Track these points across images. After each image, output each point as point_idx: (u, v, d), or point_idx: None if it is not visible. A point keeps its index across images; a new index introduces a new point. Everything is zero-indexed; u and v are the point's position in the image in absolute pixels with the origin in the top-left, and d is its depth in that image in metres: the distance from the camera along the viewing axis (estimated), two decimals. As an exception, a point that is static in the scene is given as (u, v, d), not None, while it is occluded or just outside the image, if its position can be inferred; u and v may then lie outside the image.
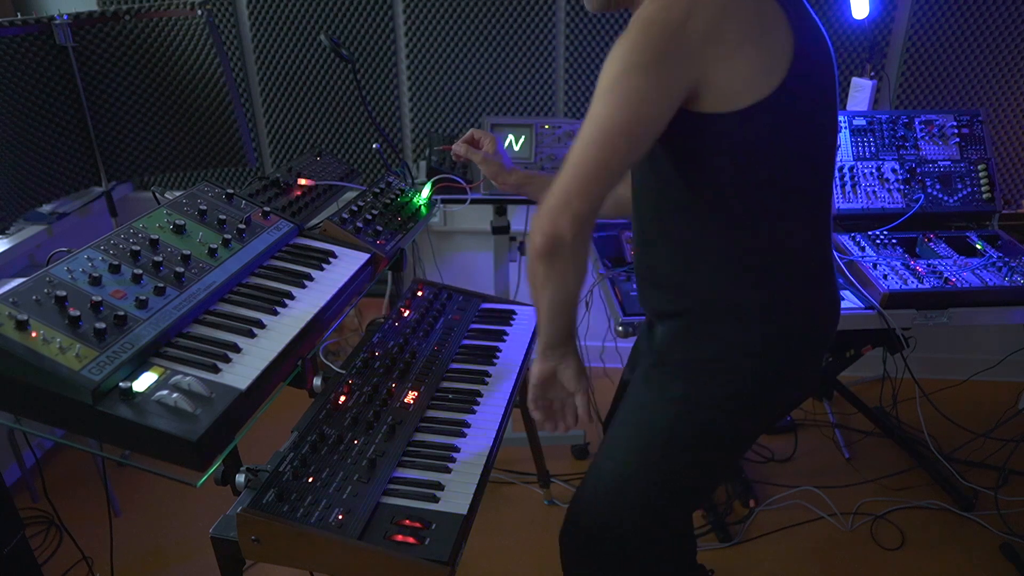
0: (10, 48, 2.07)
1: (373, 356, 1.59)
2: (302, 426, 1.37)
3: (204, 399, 1.12)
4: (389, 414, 1.43)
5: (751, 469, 2.59)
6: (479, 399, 1.52)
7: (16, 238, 2.33)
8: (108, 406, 1.07)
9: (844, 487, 2.49)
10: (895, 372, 2.59)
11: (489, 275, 2.79)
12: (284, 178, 1.80)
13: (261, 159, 3.00)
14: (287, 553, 1.17)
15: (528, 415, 2.05)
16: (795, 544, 2.29)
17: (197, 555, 2.25)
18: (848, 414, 2.84)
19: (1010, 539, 2.24)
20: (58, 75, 2.20)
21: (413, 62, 2.77)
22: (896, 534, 2.31)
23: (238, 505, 1.20)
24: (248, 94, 2.89)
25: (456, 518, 1.20)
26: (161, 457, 1.08)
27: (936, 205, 2.27)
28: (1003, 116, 2.69)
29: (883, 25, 2.59)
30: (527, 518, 2.40)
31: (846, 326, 2.04)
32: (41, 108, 2.18)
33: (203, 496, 1.63)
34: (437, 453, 1.35)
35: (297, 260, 1.57)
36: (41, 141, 2.20)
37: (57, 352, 1.08)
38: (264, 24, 2.76)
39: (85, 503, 2.40)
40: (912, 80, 2.67)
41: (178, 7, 2.21)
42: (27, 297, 1.15)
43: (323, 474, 1.25)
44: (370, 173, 2.96)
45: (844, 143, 2.30)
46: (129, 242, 1.36)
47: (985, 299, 1.98)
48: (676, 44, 1.07)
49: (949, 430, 2.66)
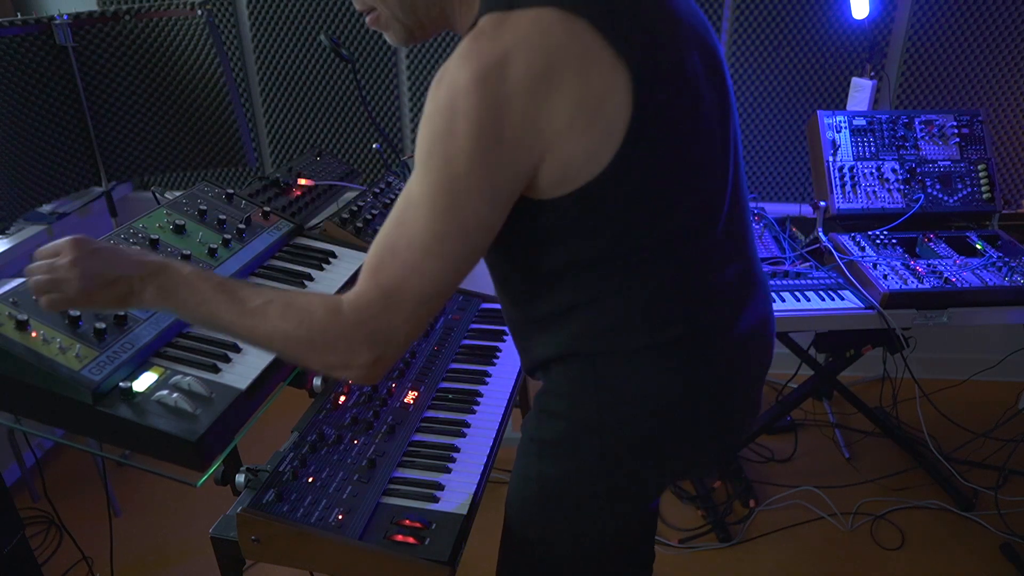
0: (10, 48, 2.07)
1: (373, 356, 1.58)
2: (302, 426, 1.37)
3: (204, 399, 1.12)
4: (389, 414, 1.43)
5: (751, 469, 2.59)
6: (479, 399, 1.52)
7: (16, 238, 2.33)
8: (108, 406, 1.07)
9: (844, 487, 2.49)
10: (895, 372, 2.59)
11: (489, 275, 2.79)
12: (284, 178, 1.80)
13: (261, 159, 3.00)
14: (287, 553, 1.17)
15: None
16: (795, 544, 2.29)
17: (197, 555, 2.25)
18: (848, 414, 2.83)
19: (1010, 539, 2.24)
20: (58, 75, 2.20)
21: (413, 62, 2.77)
22: (896, 534, 2.31)
23: (238, 505, 1.19)
24: (248, 94, 2.89)
25: (456, 518, 1.20)
26: (161, 457, 1.08)
27: (936, 205, 2.27)
28: (1003, 116, 2.69)
29: (883, 25, 2.59)
30: (527, 518, 2.40)
31: (846, 326, 2.05)
32: (41, 108, 2.18)
33: (203, 496, 1.63)
34: (437, 453, 1.35)
35: (297, 260, 1.58)
36: (41, 141, 2.20)
37: (57, 352, 1.08)
38: (264, 24, 2.76)
39: (85, 503, 2.40)
40: (912, 80, 2.67)
41: (178, 7, 2.21)
42: (27, 297, 1.15)
43: (323, 474, 1.25)
44: (370, 173, 2.96)
45: (844, 143, 2.30)
46: (129, 242, 1.36)
47: (985, 299, 1.98)
48: (498, 149, 0.89)
49: (949, 430, 2.66)
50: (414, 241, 0.92)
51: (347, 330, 0.94)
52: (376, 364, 0.96)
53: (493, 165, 0.90)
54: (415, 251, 0.92)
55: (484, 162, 0.89)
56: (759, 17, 2.62)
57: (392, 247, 0.93)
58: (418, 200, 0.92)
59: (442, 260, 0.93)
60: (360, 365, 0.95)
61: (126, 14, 2.22)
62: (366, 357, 0.95)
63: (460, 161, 0.89)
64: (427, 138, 0.91)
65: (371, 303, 0.94)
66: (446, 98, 0.89)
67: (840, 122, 2.31)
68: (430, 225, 0.91)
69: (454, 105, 0.88)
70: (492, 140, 0.89)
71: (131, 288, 1.01)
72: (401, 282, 0.93)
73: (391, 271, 0.93)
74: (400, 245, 0.93)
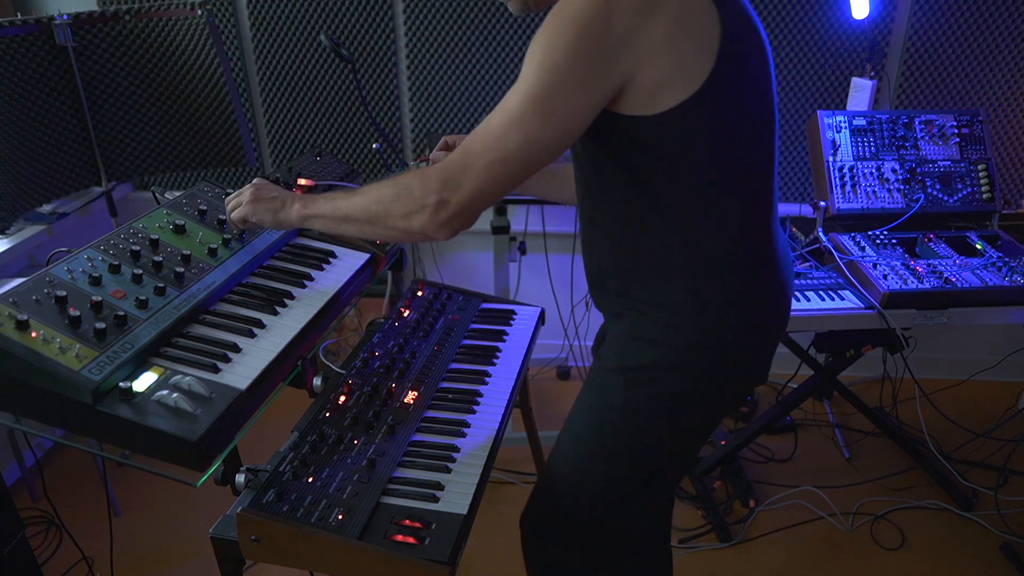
0: (10, 48, 2.07)
1: (373, 356, 1.59)
2: (302, 426, 1.37)
3: (204, 399, 1.12)
4: (389, 414, 1.43)
5: (751, 469, 2.59)
6: (479, 399, 1.52)
7: (16, 238, 2.32)
8: (108, 406, 1.07)
9: (844, 487, 2.49)
10: (895, 372, 2.59)
11: (489, 275, 2.79)
12: (284, 178, 1.80)
13: (261, 159, 3.00)
14: (287, 553, 1.17)
15: (528, 415, 2.05)
16: (795, 544, 2.29)
17: (197, 555, 2.25)
18: (848, 414, 2.84)
19: (1010, 539, 2.24)
20: (58, 75, 2.20)
21: (413, 62, 2.77)
22: (896, 534, 2.31)
23: (238, 505, 1.20)
24: (248, 94, 2.89)
25: (456, 518, 1.20)
26: (161, 457, 1.08)
27: (936, 205, 2.27)
28: (1003, 116, 2.69)
29: (883, 25, 2.59)
30: (527, 518, 2.40)
31: (846, 326, 2.05)
32: (41, 108, 2.18)
33: (203, 496, 1.64)
34: (437, 453, 1.35)
35: (297, 260, 1.58)
36: (41, 141, 2.20)
37: (57, 352, 1.08)
38: (264, 24, 2.76)
39: (85, 503, 2.40)
40: (912, 80, 2.68)
41: (178, 7, 2.21)
42: (27, 297, 1.15)
43: (323, 474, 1.25)
44: (370, 173, 2.96)
45: (844, 143, 2.30)
46: (129, 242, 1.36)
47: (985, 299, 1.98)
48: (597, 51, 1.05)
49: (949, 430, 2.66)
50: (503, 114, 1.09)
51: (427, 177, 1.13)
52: (440, 208, 1.12)
53: (590, 65, 1.05)
54: (502, 122, 1.09)
55: (582, 60, 1.05)
56: (759, 17, 2.62)
57: (487, 121, 1.11)
58: (517, 86, 1.09)
59: (521, 132, 1.08)
60: (428, 205, 1.12)
61: (126, 14, 2.22)
62: (434, 198, 1.12)
63: (560, 55, 1.05)
64: (539, 37, 1.07)
65: (451, 159, 1.13)
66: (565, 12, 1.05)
67: (840, 122, 2.31)
68: (520, 101, 1.08)
69: (570, 16, 1.04)
70: (594, 44, 1.04)
71: (283, 203, 1.33)
72: (480, 144, 1.10)
73: (477, 135, 1.11)
74: (492, 118, 1.11)
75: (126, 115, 2.32)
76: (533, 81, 1.07)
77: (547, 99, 1.07)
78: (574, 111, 1.08)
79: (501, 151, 1.09)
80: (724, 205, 1.19)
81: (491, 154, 1.09)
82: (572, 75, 1.05)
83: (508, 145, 1.09)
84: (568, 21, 1.04)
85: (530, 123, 1.07)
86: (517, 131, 1.08)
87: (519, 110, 1.08)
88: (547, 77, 1.06)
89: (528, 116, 1.07)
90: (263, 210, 1.34)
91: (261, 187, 1.38)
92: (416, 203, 1.13)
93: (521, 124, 1.08)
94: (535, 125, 1.08)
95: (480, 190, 1.11)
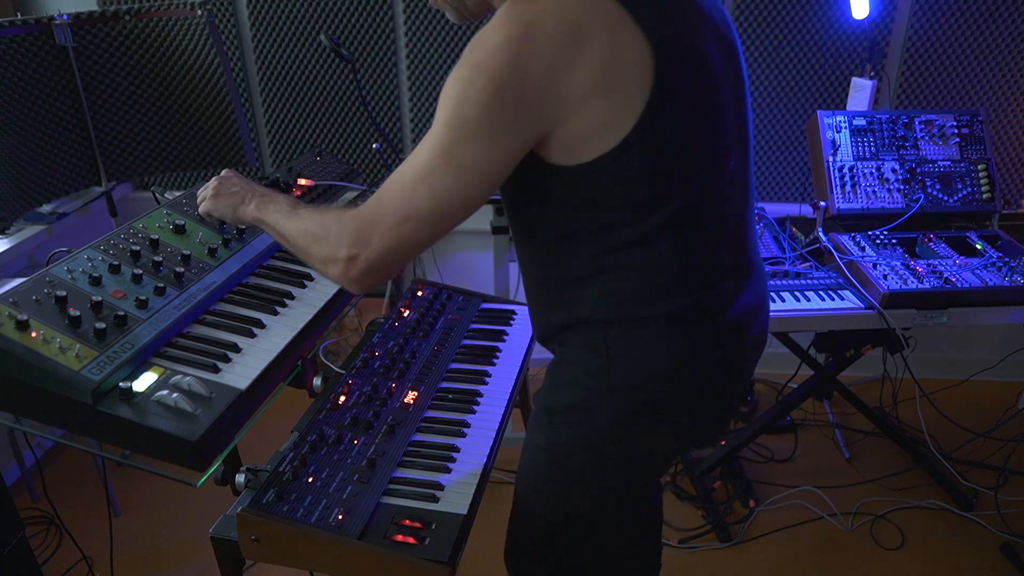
0: (10, 48, 2.07)
1: (373, 356, 1.59)
2: (302, 426, 1.37)
3: (204, 399, 1.12)
4: (389, 414, 1.43)
5: (751, 469, 2.59)
6: (479, 399, 1.52)
7: (16, 238, 2.32)
8: (108, 406, 1.07)
9: (844, 487, 2.49)
10: (895, 372, 2.59)
11: (489, 275, 2.79)
12: (284, 178, 1.80)
13: (261, 159, 3.00)
14: (287, 553, 1.17)
15: (528, 415, 2.05)
16: (795, 544, 2.29)
17: (197, 555, 2.25)
18: (848, 414, 2.83)
19: (1010, 539, 2.24)
20: (58, 75, 2.20)
21: (413, 62, 2.77)
22: (896, 534, 2.31)
23: (238, 505, 1.20)
24: (248, 94, 2.89)
25: (456, 518, 1.20)
26: (161, 457, 1.08)
27: (936, 205, 2.27)
28: (1003, 116, 2.69)
29: (883, 25, 2.59)
30: (527, 518, 2.40)
31: (846, 326, 2.05)
32: (41, 108, 2.18)
33: (203, 496, 1.63)
34: (437, 453, 1.35)
35: (297, 260, 1.57)
36: (41, 141, 2.20)
37: (57, 352, 1.08)
38: (264, 24, 2.76)
39: (85, 503, 2.40)
40: (912, 80, 2.67)
41: (178, 7, 2.21)
42: (27, 297, 1.15)
43: (323, 474, 1.25)
44: (370, 173, 2.96)
45: (844, 143, 2.30)
46: (129, 242, 1.36)
47: (985, 299, 1.98)
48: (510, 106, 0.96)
49: (949, 430, 2.66)
50: (414, 167, 1.02)
51: (341, 227, 1.07)
52: (351, 263, 1.06)
53: (504, 118, 0.97)
54: (412, 175, 1.02)
55: (495, 114, 0.97)
56: (759, 17, 2.62)
57: (399, 171, 1.05)
58: (428, 137, 1.02)
59: (430, 189, 1.01)
60: (340, 259, 1.07)
61: (126, 14, 2.22)
62: (344, 252, 1.06)
63: (472, 108, 0.97)
64: (450, 86, 0.99)
65: (365, 208, 1.07)
66: (477, 56, 0.97)
67: (840, 122, 2.31)
68: (430, 156, 1.01)
69: (482, 62, 0.96)
70: (510, 95, 0.96)
71: (243, 199, 1.30)
72: (392, 198, 1.04)
73: (389, 188, 1.05)
74: (404, 169, 1.04)
75: (126, 115, 2.32)
76: (443, 134, 0.99)
77: (457, 154, 0.99)
78: (486, 166, 1.00)
79: (411, 208, 1.02)
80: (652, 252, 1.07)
81: (401, 211, 1.03)
82: (484, 130, 0.97)
83: (418, 202, 1.02)
84: (479, 68, 0.96)
85: (440, 180, 1.00)
86: (426, 188, 1.01)
87: (428, 166, 1.00)
88: (457, 131, 0.98)
89: (437, 172, 1.00)
90: (223, 206, 1.35)
91: (224, 181, 1.38)
92: (330, 252, 1.08)
93: (430, 180, 1.00)
94: (446, 183, 1.00)
95: (390, 249, 1.05)
